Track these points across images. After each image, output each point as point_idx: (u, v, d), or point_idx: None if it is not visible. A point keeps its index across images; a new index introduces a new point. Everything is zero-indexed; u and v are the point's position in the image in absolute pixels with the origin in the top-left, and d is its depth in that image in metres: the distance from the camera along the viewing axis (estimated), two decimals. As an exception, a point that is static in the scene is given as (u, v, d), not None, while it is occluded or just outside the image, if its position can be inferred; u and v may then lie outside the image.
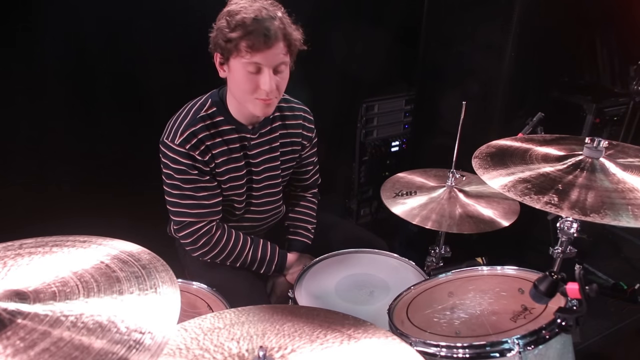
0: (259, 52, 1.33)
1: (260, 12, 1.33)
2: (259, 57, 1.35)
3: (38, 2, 1.77)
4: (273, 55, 1.36)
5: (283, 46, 1.37)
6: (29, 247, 0.95)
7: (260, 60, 1.35)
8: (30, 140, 1.94)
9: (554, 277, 0.94)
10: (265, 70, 1.37)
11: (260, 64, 1.36)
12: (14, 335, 0.70)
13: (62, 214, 1.82)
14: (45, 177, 2.00)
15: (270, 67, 1.37)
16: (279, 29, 1.35)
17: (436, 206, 1.56)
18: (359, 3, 2.62)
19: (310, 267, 1.60)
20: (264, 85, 1.37)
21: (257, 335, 0.97)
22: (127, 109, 2.09)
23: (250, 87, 1.39)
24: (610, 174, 1.15)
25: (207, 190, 1.53)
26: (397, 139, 3.11)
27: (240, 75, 1.38)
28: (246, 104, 1.45)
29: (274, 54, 1.36)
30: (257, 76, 1.38)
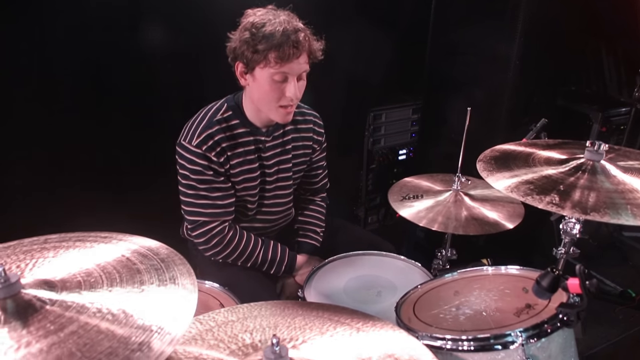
0: (288, 63, 1.41)
1: (286, 24, 1.41)
2: (287, 67, 1.42)
3: (50, 9, 1.84)
4: (298, 65, 1.45)
5: (306, 56, 1.46)
6: (53, 242, 1.01)
7: (288, 70, 1.43)
8: (46, 143, 2.00)
9: (555, 273, 0.97)
10: (291, 79, 1.45)
11: (287, 74, 1.44)
12: (44, 319, 0.75)
13: (76, 214, 1.88)
14: (59, 181, 2.06)
15: (295, 76, 1.46)
16: (305, 41, 1.43)
17: (442, 209, 1.60)
18: (367, 13, 2.68)
19: (319, 269, 1.64)
20: (289, 93, 1.46)
21: (269, 328, 1.01)
22: (139, 113, 2.16)
23: (276, 95, 1.47)
24: (611, 175, 1.19)
25: (221, 191, 1.58)
26: (404, 147, 3.15)
27: (266, 85, 1.46)
28: (269, 111, 1.52)
29: (299, 63, 1.44)
30: (282, 84, 1.46)
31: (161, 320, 0.78)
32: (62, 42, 1.91)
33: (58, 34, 1.89)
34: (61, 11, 1.87)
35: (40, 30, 1.86)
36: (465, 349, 1.03)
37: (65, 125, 2.01)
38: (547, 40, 2.51)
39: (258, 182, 1.67)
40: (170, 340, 0.75)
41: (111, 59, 2.04)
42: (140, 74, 2.10)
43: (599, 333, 2.52)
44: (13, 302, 0.76)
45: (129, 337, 0.74)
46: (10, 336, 0.71)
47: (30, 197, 2.00)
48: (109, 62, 2.04)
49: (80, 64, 1.99)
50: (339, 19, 2.52)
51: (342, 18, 2.54)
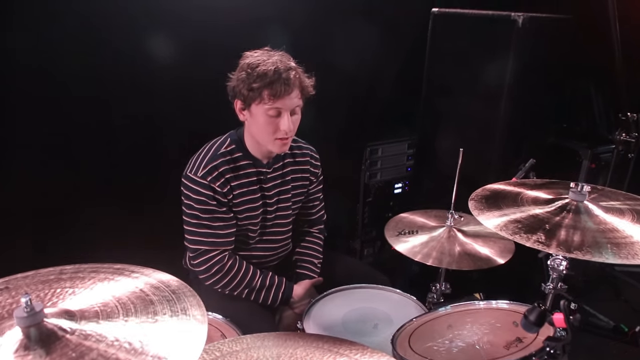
0: (280, 99, 1.53)
1: (279, 64, 1.54)
2: (280, 103, 1.54)
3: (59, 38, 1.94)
4: (290, 101, 1.56)
5: (298, 92, 1.58)
6: (69, 273, 1.07)
7: (281, 105, 1.55)
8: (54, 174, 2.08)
9: (541, 308, 1.04)
10: (285, 113, 1.57)
11: (281, 109, 1.56)
12: (66, 347, 0.81)
13: (81, 246, 1.94)
14: (65, 211, 2.12)
15: (288, 111, 1.57)
16: (295, 78, 1.56)
17: (437, 244, 1.66)
18: (364, 50, 2.79)
19: (317, 300, 1.69)
20: (284, 127, 1.56)
21: (272, 358, 1.06)
22: (144, 145, 2.24)
23: (272, 129, 1.58)
24: (594, 215, 1.26)
25: (223, 221, 1.66)
26: (400, 181, 3.22)
27: (262, 119, 1.58)
28: (266, 144, 1.63)
29: (291, 99, 1.56)
30: (277, 119, 1.57)
31: (174, 350, 0.84)
32: (73, 66, 2.01)
33: (66, 57, 1.98)
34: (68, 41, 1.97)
35: (50, 52, 1.95)
36: (458, 381, 1.08)
37: (75, 153, 2.09)
38: (539, 78, 2.63)
39: (260, 212, 1.76)
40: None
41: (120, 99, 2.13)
42: (147, 112, 2.20)
43: (593, 368, 2.55)
44: (36, 330, 0.82)
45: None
46: None
47: (39, 223, 2.06)
48: (119, 103, 2.13)
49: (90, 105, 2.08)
50: (335, 56, 2.64)
51: (339, 56, 2.66)
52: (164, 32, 2.13)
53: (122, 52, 2.07)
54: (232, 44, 1.73)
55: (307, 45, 1.67)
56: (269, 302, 1.74)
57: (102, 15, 2.00)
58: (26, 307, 0.81)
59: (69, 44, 1.96)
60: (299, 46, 1.73)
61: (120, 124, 2.16)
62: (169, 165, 1.87)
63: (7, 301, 0.94)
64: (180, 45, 2.18)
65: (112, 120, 2.15)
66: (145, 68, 2.12)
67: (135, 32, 2.06)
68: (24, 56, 1.90)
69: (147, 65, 2.12)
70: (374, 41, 2.81)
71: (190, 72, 2.22)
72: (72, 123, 2.06)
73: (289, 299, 1.78)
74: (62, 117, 2.03)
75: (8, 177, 1.97)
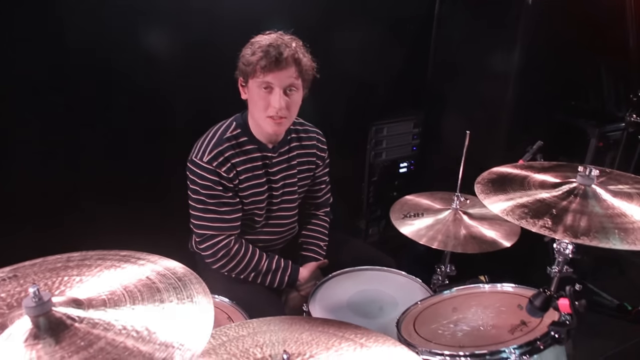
0: (270, 73, 1.53)
1: (276, 40, 1.55)
2: (271, 77, 1.53)
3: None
4: (284, 77, 1.54)
5: (295, 70, 1.56)
6: (76, 260, 1.07)
7: (272, 79, 1.54)
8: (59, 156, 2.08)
9: (547, 293, 1.04)
10: (276, 89, 1.55)
11: (272, 84, 1.55)
12: (75, 335, 0.82)
13: (88, 232, 1.95)
14: (71, 195, 2.12)
15: (280, 87, 1.55)
16: (290, 55, 1.54)
17: (442, 227, 1.66)
18: (371, 30, 2.76)
19: (323, 283, 1.71)
20: (274, 103, 1.55)
21: (278, 343, 1.08)
22: (151, 128, 2.23)
23: (263, 105, 1.57)
24: (601, 200, 1.25)
25: (229, 206, 1.66)
26: (405, 160, 3.20)
27: (254, 94, 1.58)
28: (260, 121, 1.63)
29: (285, 75, 1.54)
30: (268, 95, 1.56)
31: (181, 336, 0.85)
32: (79, 60, 1.99)
33: (72, 51, 1.96)
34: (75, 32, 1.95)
35: (55, 47, 1.92)
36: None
37: (79, 140, 2.08)
38: (546, 55, 2.58)
39: (266, 197, 1.75)
40: (191, 355, 0.82)
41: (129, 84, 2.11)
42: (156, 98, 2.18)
43: (596, 346, 2.57)
44: (45, 319, 0.83)
45: (152, 353, 0.80)
46: (45, 351, 0.78)
47: (44, 211, 2.07)
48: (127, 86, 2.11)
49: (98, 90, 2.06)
50: (343, 36, 2.60)
51: (346, 35, 2.62)
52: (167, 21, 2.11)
53: (125, 34, 2.04)
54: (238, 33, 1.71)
55: (312, 27, 1.64)
56: (275, 284, 1.76)
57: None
58: (34, 296, 0.82)
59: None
60: (304, 29, 1.70)
61: (121, 106, 2.15)
62: (174, 150, 1.86)
63: (15, 289, 0.95)
64: (183, 31, 2.15)
65: (112, 104, 2.13)
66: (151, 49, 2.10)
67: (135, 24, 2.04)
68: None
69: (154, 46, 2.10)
70: (381, 22, 2.76)
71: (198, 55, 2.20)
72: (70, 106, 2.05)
73: (295, 281, 1.79)
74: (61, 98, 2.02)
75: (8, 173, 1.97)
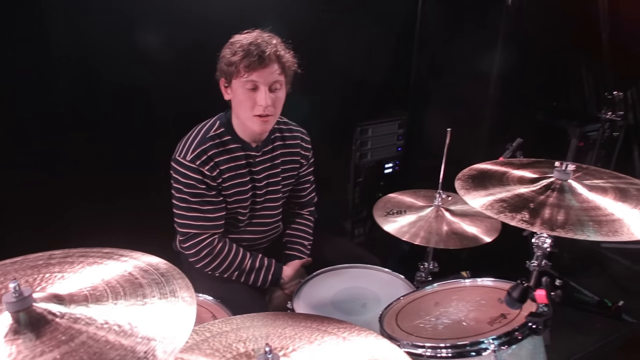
0: (255, 71, 1.54)
1: (256, 39, 1.56)
2: (255, 75, 1.54)
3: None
4: (268, 74, 1.56)
5: (277, 67, 1.58)
6: (58, 257, 1.07)
7: (257, 78, 1.55)
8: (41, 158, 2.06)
9: (524, 285, 1.06)
10: (262, 87, 1.56)
11: (257, 82, 1.56)
12: (56, 330, 0.82)
13: (73, 230, 1.93)
14: (56, 193, 2.10)
15: (266, 85, 1.56)
16: (272, 52, 1.56)
17: (424, 224, 1.69)
18: (355, 32, 2.78)
19: (307, 281, 1.72)
20: (261, 101, 1.56)
21: (261, 337, 1.08)
22: (134, 126, 2.22)
23: (249, 104, 1.58)
24: (577, 194, 1.28)
25: (212, 205, 1.67)
26: (390, 161, 3.22)
27: (240, 94, 1.58)
28: (246, 121, 1.63)
29: (269, 72, 1.56)
30: (254, 94, 1.57)
31: (164, 331, 0.85)
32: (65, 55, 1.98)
33: (60, 45, 1.96)
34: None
35: (43, 37, 1.91)
36: (443, 356, 1.11)
37: (64, 137, 2.07)
38: (527, 56, 2.63)
39: (249, 195, 1.76)
40: (172, 349, 0.82)
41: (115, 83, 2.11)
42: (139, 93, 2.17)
43: (578, 342, 2.61)
44: (26, 314, 0.83)
45: (134, 347, 0.81)
46: (25, 346, 0.78)
47: (28, 210, 2.05)
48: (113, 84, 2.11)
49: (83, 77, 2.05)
50: (327, 37, 2.62)
51: (330, 37, 2.64)
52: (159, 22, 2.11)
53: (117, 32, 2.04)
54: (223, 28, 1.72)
55: (298, 29, 1.66)
56: (259, 283, 1.76)
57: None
58: (14, 292, 0.82)
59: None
60: (290, 30, 1.72)
61: (106, 105, 2.14)
62: (158, 149, 1.86)
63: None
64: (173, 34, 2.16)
65: (99, 100, 2.12)
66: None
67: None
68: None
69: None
70: (365, 23, 2.79)
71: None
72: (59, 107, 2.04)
73: (278, 280, 1.80)
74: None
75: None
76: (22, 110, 1.95)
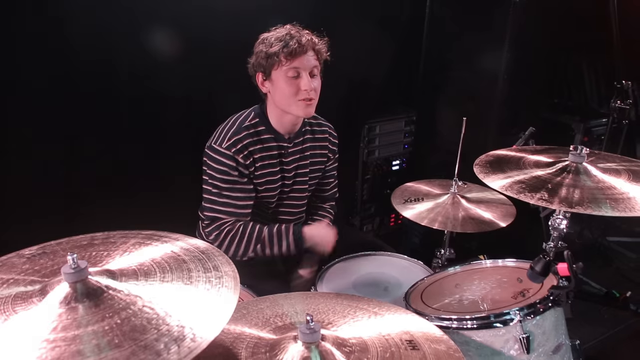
0: (296, 58, 1.62)
1: (290, 30, 1.65)
2: (297, 62, 1.63)
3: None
4: (307, 60, 1.64)
5: (313, 53, 1.66)
6: (100, 239, 1.12)
7: (298, 64, 1.63)
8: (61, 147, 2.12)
9: (547, 259, 1.12)
10: (303, 73, 1.64)
11: (299, 68, 1.63)
12: (109, 300, 0.87)
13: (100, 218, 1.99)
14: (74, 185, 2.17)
15: (306, 71, 1.64)
16: (308, 39, 1.65)
17: (442, 210, 1.74)
18: (363, 30, 2.83)
19: (328, 268, 1.77)
20: (305, 86, 1.64)
21: (297, 312, 1.13)
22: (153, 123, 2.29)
23: (294, 90, 1.65)
24: (592, 175, 1.34)
25: (243, 192, 1.73)
26: (397, 158, 3.28)
27: (283, 83, 1.65)
28: (290, 108, 1.69)
29: (307, 59, 1.64)
30: (297, 80, 1.64)
31: (209, 305, 0.89)
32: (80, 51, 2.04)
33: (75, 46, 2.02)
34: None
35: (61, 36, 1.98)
36: (469, 327, 1.16)
37: (82, 128, 2.13)
38: (533, 55, 2.70)
39: (278, 185, 1.82)
40: (223, 316, 0.87)
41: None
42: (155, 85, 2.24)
43: (587, 332, 2.66)
44: (83, 285, 0.87)
45: (180, 320, 0.84)
46: (85, 312, 0.83)
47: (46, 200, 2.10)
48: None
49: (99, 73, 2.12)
50: (335, 35, 2.67)
51: (338, 35, 2.70)
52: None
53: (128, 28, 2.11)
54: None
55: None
56: (283, 248, 1.76)
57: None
58: (73, 264, 0.86)
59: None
60: (299, 19, 1.78)
61: (122, 101, 2.20)
62: (175, 141, 1.91)
63: (48, 263, 0.99)
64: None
65: (113, 96, 2.17)
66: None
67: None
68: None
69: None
70: (372, 20, 2.84)
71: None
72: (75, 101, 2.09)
73: (301, 239, 1.78)
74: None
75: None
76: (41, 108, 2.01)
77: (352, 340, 1.00)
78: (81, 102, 2.08)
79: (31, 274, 0.95)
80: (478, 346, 1.17)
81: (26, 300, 0.85)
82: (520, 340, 1.14)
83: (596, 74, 3.79)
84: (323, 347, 0.96)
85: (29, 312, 0.83)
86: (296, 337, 0.97)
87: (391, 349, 0.99)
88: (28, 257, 1.02)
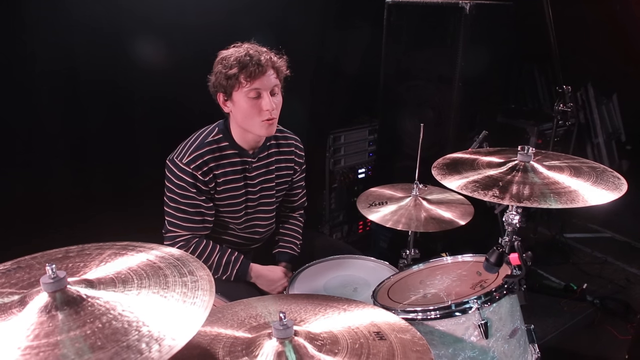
0: (256, 79, 1.62)
1: (248, 50, 1.65)
2: (257, 83, 1.63)
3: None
4: (267, 80, 1.65)
5: (273, 72, 1.67)
6: (75, 252, 1.14)
7: (259, 85, 1.64)
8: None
9: (500, 250, 1.21)
10: (264, 93, 1.65)
11: (259, 89, 1.64)
12: (89, 307, 0.90)
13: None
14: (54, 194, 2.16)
15: (267, 91, 1.65)
16: (267, 59, 1.65)
17: (405, 212, 1.83)
18: (326, 45, 2.93)
19: (298, 274, 1.82)
20: (266, 106, 1.65)
21: (270, 313, 1.18)
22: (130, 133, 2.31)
23: (255, 111, 1.66)
24: (539, 172, 1.45)
25: (200, 208, 1.74)
26: (363, 166, 3.37)
27: (244, 104, 1.66)
28: (253, 128, 1.70)
29: (267, 79, 1.65)
30: (258, 101, 1.65)
31: (186, 308, 0.93)
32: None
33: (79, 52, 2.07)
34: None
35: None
36: (432, 317, 1.25)
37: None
38: (487, 63, 2.85)
39: (242, 200, 1.83)
40: (198, 319, 0.91)
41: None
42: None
43: (549, 324, 2.81)
44: (62, 294, 0.90)
45: (159, 321, 0.89)
46: (66, 319, 0.86)
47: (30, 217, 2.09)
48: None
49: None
50: (297, 48, 2.76)
51: (300, 47, 2.77)
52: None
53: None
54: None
55: (268, 39, 1.78)
56: (224, 277, 1.80)
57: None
58: (52, 274, 0.90)
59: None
60: (260, 40, 1.80)
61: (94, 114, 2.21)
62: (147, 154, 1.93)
63: (24, 277, 1.02)
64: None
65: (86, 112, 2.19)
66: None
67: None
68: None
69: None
70: (333, 32, 2.93)
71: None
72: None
73: (244, 275, 1.83)
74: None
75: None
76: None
77: (323, 335, 1.06)
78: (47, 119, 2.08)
79: (8, 287, 0.97)
80: (441, 335, 1.25)
81: (5, 312, 0.88)
82: (480, 327, 1.23)
83: (547, 81, 4.03)
84: (296, 342, 1.02)
85: (9, 322, 0.85)
86: (270, 334, 1.03)
87: (360, 340, 1.06)
88: (3, 272, 1.04)
